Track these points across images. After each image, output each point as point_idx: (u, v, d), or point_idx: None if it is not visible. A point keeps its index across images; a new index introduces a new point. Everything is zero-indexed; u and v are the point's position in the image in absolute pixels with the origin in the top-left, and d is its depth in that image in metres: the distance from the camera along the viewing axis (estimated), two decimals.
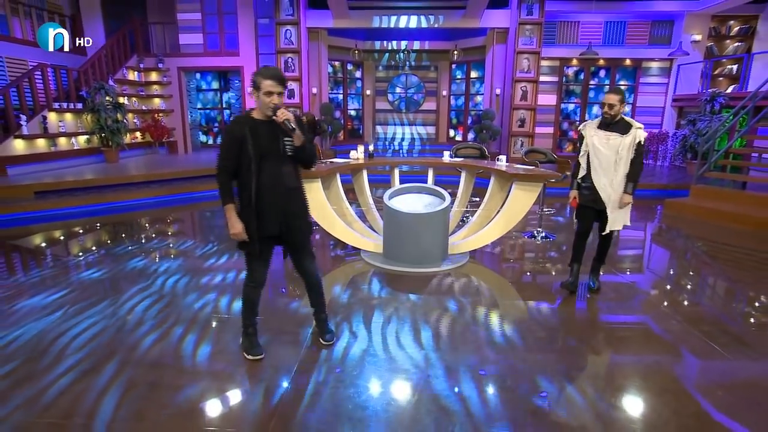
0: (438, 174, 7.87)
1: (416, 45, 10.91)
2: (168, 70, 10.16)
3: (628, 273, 3.80)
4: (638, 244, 4.73)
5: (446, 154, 4.70)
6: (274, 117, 2.15)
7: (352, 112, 11.43)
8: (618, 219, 3.07)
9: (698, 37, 9.25)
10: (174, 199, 6.30)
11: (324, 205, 3.80)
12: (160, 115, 10.24)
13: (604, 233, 3.14)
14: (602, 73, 9.88)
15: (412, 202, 3.91)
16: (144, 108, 10.13)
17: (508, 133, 9.64)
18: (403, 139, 11.80)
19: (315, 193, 3.71)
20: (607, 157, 2.97)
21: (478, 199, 5.36)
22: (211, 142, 12.74)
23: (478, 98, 11.05)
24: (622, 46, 9.64)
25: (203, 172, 7.47)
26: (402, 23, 9.56)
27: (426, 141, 11.67)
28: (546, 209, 4.89)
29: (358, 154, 4.37)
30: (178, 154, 10.48)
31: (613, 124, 3.00)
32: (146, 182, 6.57)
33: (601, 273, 3.57)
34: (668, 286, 3.53)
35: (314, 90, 10.08)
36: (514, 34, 9.08)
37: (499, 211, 4.16)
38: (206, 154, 10.46)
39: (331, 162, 4.20)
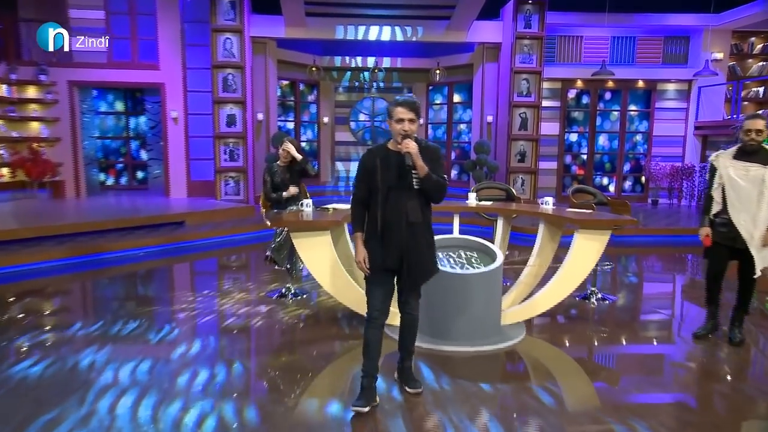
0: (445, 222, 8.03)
1: (386, 62, 11.33)
2: (54, 85, 9.67)
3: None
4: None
5: (471, 196, 4.86)
6: (398, 145, 2.63)
7: (305, 145, 11.49)
8: (765, 258, 3.26)
9: (719, 56, 10.39)
10: (62, 265, 6.15)
11: (334, 265, 3.75)
12: (41, 145, 9.62)
13: (754, 276, 3.31)
14: (608, 95, 10.81)
15: (452, 260, 3.84)
16: (15, 135, 9.46)
17: (506, 170, 10.06)
18: None
19: (322, 250, 3.71)
20: (748, 191, 3.14)
21: (509, 253, 5.45)
22: (111, 182, 12.05)
23: (462, 126, 11.59)
24: (632, 65, 10.61)
25: (109, 224, 7.16)
26: (372, 35, 9.92)
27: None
28: (605, 264, 5.02)
29: None
30: (66, 198, 9.86)
31: (752, 153, 3.22)
32: (15, 240, 6.36)
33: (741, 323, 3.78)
34: None
35: (260, 116, 10.00)
36: (510, 50, 9.74)
37: (550, 266, 4.23)
38: (107, 200, 9.88)
39: (334, 209, 4.13)
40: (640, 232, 7.88)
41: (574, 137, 10.94)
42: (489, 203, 4.84)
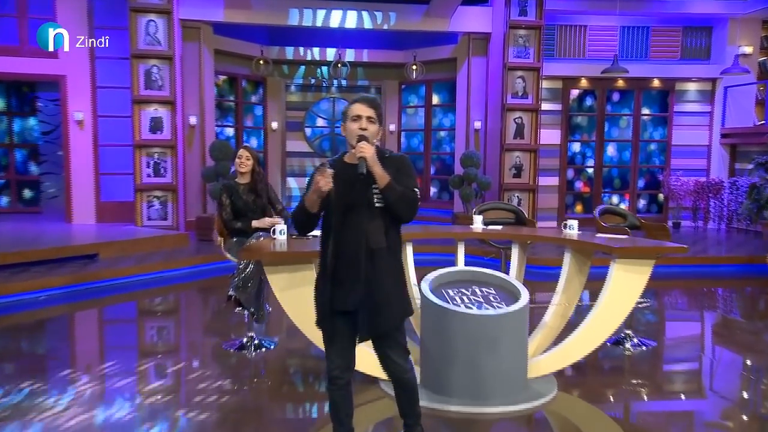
0: (443, 252, 7.98)
1: (350, 55, 11.41)
2: None
3: None
4: None
5: (477, 219, 4.92)
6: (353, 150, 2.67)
7: None
8: None
9: (748, 50, 10.87)
10: None
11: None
12: None
13: None
14: (616, 96, 11.22)
15: (465, 298, 3.82)
16: None
17: (499, 186, 10.21)
18: None
19: (306, 288, 3.58)
20: None
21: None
22: None
23: (442, 134, 11.74)
24: (646, 60, 11.05)
25: None
26: (333, 21, 9.99)
27: None
28: (642, 301, 5.11)
29: None
30: None
31: None
32: None
33: None
34: None
35: (192, 120, 9.84)
36: (502, 41, 9.98)
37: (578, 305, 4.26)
38: None
39: (313, 236, 4.05)
40: (662, 262, 8.10)
41: (577, 147, 11.26)
42: (499, 228, 4.86)
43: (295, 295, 3.61)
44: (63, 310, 6.19)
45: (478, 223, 4.85)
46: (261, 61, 10.83)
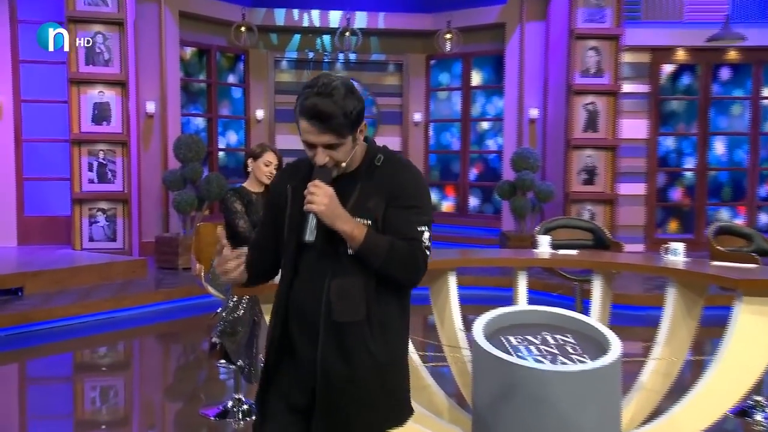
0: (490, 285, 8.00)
1: (361, 20, 11.48)
2: None
3: None
4: None
5: (543, 241, 4.90)
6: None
7: (223, 155, 11.47)
8: None
9: None
10: None
11: None
12: None
13: None
14: (725, 73, 11.16)
15: (533, 348, 3.76)
16: None
17: (564, 197, 10.20)
18: None
19: None
20: None
21: None
22: None
23: (484, 125, 11.77)
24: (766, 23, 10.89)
25: None
26: None
27: None
28: None
29: None
30: None
31: None
32: None
33: None
34: None
35: (150, 107, 9.95)
36: (568, 0, 10.01)
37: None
38: None
39: None
40: None
41: (671, 143, 11.20)
42: (574, 252, 4.81)
43: None
44: None
45: (544, 246, 4.79)
46: (242, 28, 10.89)
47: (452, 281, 4.42)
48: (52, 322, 7.08)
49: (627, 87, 10.52)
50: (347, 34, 11.12)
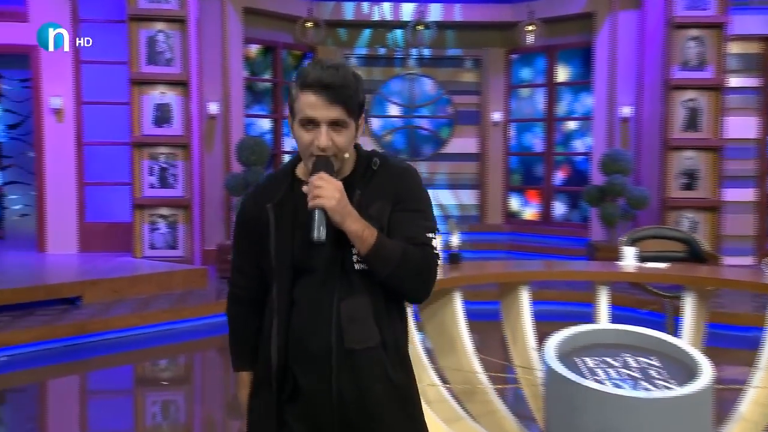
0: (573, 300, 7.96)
1: (435, 12, 11.56)
2: None
3: None
4: None
5: (628, 253, 4.87)
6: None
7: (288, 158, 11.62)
8: None
9: None
10: None
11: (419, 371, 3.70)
12: None
13: None
14: None
15: (612, 371, 3.75)
16: None
17: (660, 203, 10.06)
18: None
19: None
20: None
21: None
22: None
23: (571, 125, 11.71)
24: None
25: None
26: None
27: (456, 224, 11.87)
28: None
29: None
30: None
31: None
32: None
33: None
34: None
35: (213, 108, 10.18)
36: None
37: None
38: None
39: None
40: None
41: None
42: (663, 266, 4.77)
43: None
44: (31, 377, 6.45)
45: (629, 259, 4.80)
46: (309, 24, 11.06)
47: (524, 296, 4.45)
48: (109, 333, 7.26)
49: (734, 81, 10.31)
50: (420, 27, 11.18)
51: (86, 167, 10.38)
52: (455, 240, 4.78)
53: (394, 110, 12.18)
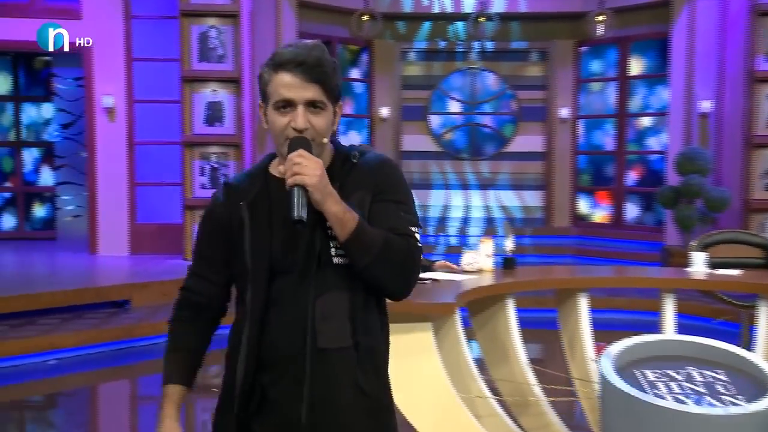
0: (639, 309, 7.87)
1: (499, 3, 11.49)
2: None
3: None
4: None
5: (698, 258, 4.81)
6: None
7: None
8: None
9: None
10: None
11: (441, 388, 3.80)
12: None
13: None
14: None
15: (674, 385, 3.67)
16: None
17: (742, 206, 9.84)
18: (465, 222, 11.96)
19: (419, 357, 3.75)
20: None
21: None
22: None
23: (645, 122, 11.53)
24: None
25: None
26: None
27: (520, 227, 11.92)
28: None
29: (476, 260, 4.68)
30: None
31: None
32: None
33: None
34: None
35: None
36: None
37: None
38: None
39: (430, 279, 4.26)
40: None
41: None
42: (736, 273, 4.67)
43: (405, 368, 3.66)
44: (79, 381, 6.62)
45: (698, 265, 4.73)
46: (365, 17, 11.09)
47: (583, 303, 4.41)
48: (157, 338, 7.41)
49: None
50: (483, 20, 11.13)
51: (137, 167, 10.60)
52: (509, 243, 4.74)
53: (454, 107, 12.14)
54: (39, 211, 13.02)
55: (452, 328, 4.15)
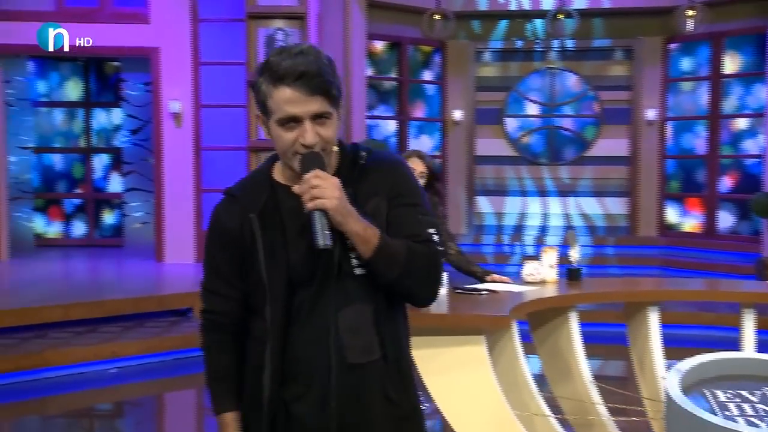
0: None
1: (579, 0, 11.40)
2: None
3: None
4: None
5: None
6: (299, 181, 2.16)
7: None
8: None
9: None
10: None
11: (496, 404, 3.77)
12: None
13: None
14: None
15: (748, 406, 3.57)
16: None
17: None
18: (543, 229, 11.86)
19: (472, 372, 3.73)
20: None
21: None
22: (55, 233, 12.99)
23: (740, 123, 11.30)
24: None
25: (51, 314, 7.63)
26: None
27: (602, 236, 11.86)
28: None
29: (538, 270, 4.67)
30: None
31: None
32: None
33: None
34: None
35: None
36: None
37: None
38: (47, 267, 10.60)
39: (488, 291, 4.21)
40: None
41: None
42: None
43: (456, 383, 3.67)
44: (139, 391, 6.80)
45: None
46: (437, 16, 11.09)
47: (653, 318, 4.34)
48: None
49: None
50: (562, 17, 11.01)
51: (204, 173, 10.81)
52: (574, 253, 4.68)
53: (532, 109, 12.09)
54: (108, 218, 13.36)
55: (509, 341, 4.14)
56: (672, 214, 11.95)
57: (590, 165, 12.03)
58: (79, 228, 13.38)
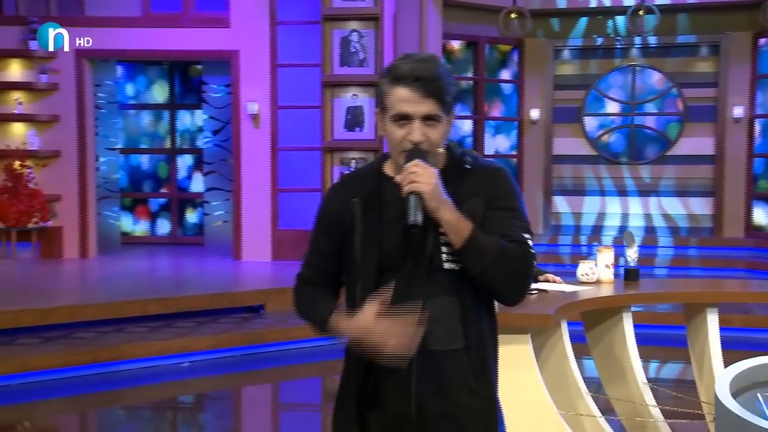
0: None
1: None
2: (53, 58, 10.95)
3: None
4: None
5: None
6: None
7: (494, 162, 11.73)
8: None
9: None
10: (48, 381, 6.66)
11: (540, 402, 3.79)
12: (26, 164, 10.84)
13: None
14: None
15: None
16: None
17: None
18: (623, 230, 11.69)
19: (518, 371, 3.74)
20: None
21: None
22: (141, 231, 13.36)
23: None
24: None
25: (132, 309, 7.85)
26: None
27: (684, 237, 11.66)
28: None
29: (593, 270, 4.62)
30: (62, 260, 10.94)
31: None
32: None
33: None
34: None
35: None
36: None
37: None
38: (131, 264, 10.92)
39: (540, 291, 4.19)
40: None
41: None
42: None
43: (499, 380, 3.64)
44: (213, 385, 6.96)
45: None
46: (514, 14, 11.02)
47: (712, 320, 4.24)
48: (285, 344, 7.63)
49: None
50: (643, 13, 10.82)
51: (280, 173, 10.94)
52: (632, 253, 4.61)
53: (612, 107, 11.91)
54: (191, 217, 13.68)
55: (558, 341, 4.13)
56: (760, 215, 11.62)
57: (673, 164, 11.80)
58: (163, 226, 13.74)
